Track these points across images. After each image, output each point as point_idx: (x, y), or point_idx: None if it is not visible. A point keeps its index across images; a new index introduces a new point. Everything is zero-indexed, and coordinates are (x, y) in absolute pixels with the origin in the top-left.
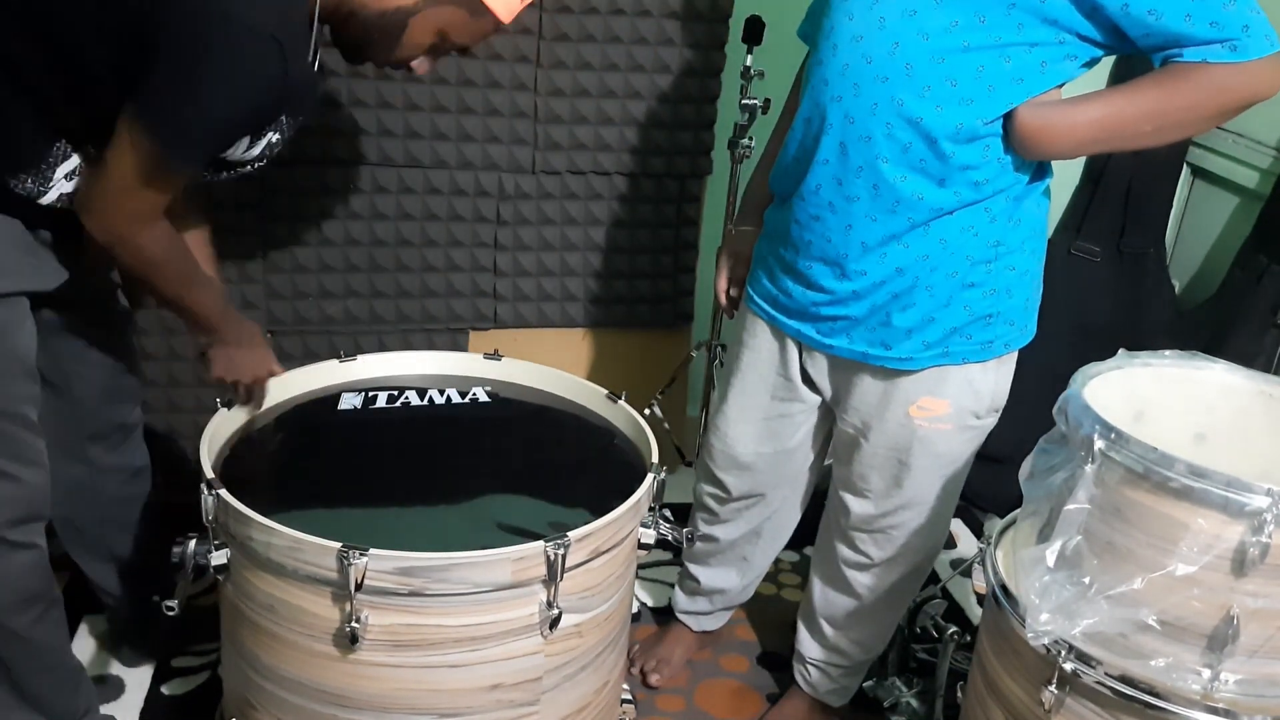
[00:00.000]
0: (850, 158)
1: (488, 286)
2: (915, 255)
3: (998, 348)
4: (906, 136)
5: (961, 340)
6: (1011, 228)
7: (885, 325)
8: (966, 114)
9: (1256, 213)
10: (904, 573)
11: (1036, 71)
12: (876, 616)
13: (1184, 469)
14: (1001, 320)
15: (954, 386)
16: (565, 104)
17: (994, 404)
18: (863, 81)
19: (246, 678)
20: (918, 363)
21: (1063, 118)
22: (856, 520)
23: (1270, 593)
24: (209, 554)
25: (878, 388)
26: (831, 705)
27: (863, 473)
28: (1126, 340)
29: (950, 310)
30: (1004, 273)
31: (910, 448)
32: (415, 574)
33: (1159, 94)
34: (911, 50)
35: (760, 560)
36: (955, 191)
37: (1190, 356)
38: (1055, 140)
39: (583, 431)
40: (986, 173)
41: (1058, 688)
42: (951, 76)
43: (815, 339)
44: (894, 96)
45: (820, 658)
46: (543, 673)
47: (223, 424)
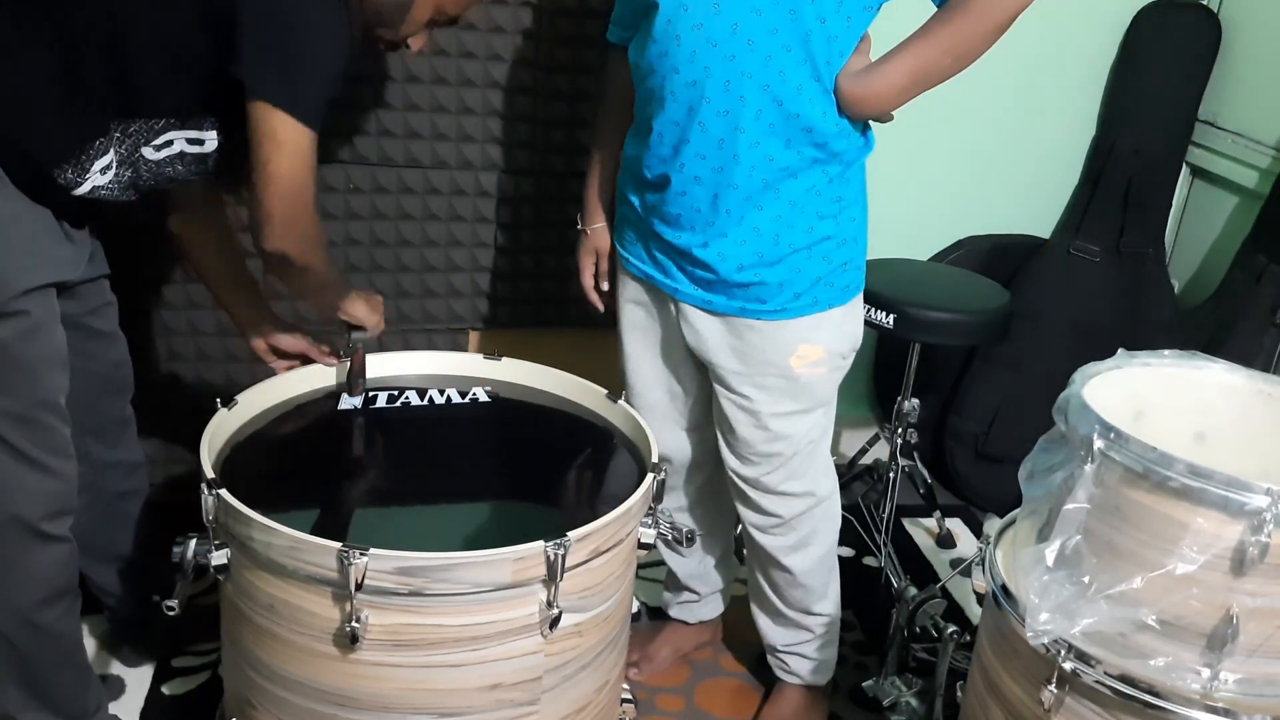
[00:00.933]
0: (710, 131)
1: (488, 287)
2: (770, 216)
3: (853, 290)
4: (758, 103)
5: (826, 288)
6: (845, 185)
7: (758, 284)
8: (803, 75)
9: (1256, 212)
10: (819, 517)
11: (844, 26)
12: (817, 573)
13: (1183, 468)
14: (853, 266)
15: (826, 331)
16: (564, 106)
17: (854, 343)
18: (712, 63)
19: (246, 677)
20: (791, 312)
21: (881, 78)
22: (753, 480)
23: (1269, 592)
24: (209, 554)
25: (757, 342)
26: (819, 685)
27: (748, 434)
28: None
29: (812, 261)
30: (848, 223)
31: (792, 395)
32: (415, 574)
33: (949, 29)
34: (749, 27)
35: (720, 538)
36: (799, 152)
37: (1190, 356)
38: (880, 98)
39: (583, 431)
40: (825, 134)
41: (1057, 687)
42: (786, 44)
43: (693, 294)
44: (743, 71)
45: (789, 642)
46: (543, 672)
47: (223, 424)
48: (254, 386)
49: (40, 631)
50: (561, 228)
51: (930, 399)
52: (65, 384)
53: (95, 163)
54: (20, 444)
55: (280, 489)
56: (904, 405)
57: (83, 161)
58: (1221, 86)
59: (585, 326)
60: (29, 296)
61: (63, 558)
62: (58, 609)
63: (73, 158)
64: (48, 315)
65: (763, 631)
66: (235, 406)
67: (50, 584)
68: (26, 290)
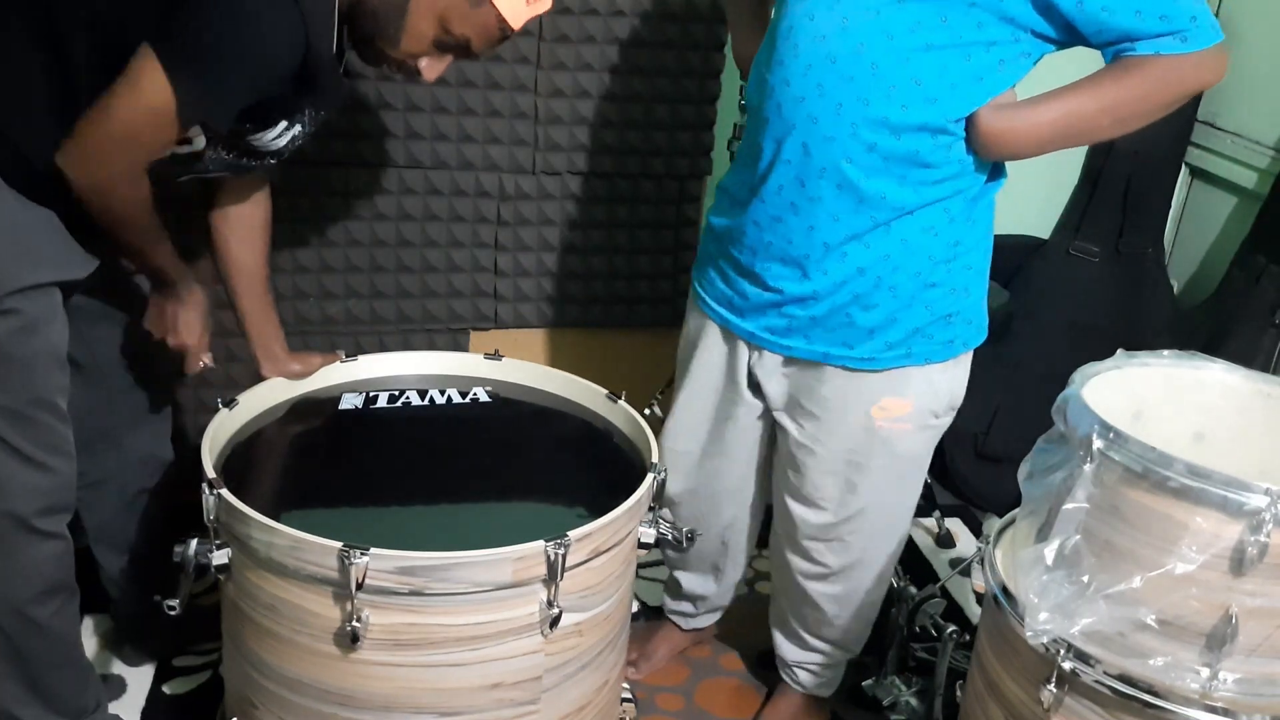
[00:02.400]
0: (813, 158)
1: (488, 287)
2: (877, 255)
3: (958, 347)
4: (871, 136)
5: (923, 340)
6: (969, 227)
7: (848, 325)
8: (930, 112)
9: (1255, 213)
10: (867, 578)
11: (995, 69)
12: (846, 623)
13: (1183, 468)
14: (960, 319)
15: (915, 386)
16: (565, 105)
17: (952, 403)
18: (827, 82)
19: (248, 677)
20: (880, 363)
21: (1025, 119)
22: (812, 530)
23: (1269, 592)
24: (210, 554)
25: (837, 389)
26: (822, 696)
27: (816, 480)
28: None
29: (912, 310)
30: (962, 271)
31: (869, 449)
32: (416, 573)
33: (1115, 88)
34: (877, 50)
35: (733, 569)
36: (916, 190)
37: (1189, 356)
38: (1018, 140)
39: (583, 431)
40: (947, 172)
41: (1056, 687)
42: (916, 76)
43: (770, 340)
44: (860, 96)
45: (802, 660)
46: (543, 672)
47: (224, 423)
48: (255, 386)
49: (35, 627)
50: (561, 227)
51: None
52: (65, 383)
53: None
54: (14, 440)
55: (281, 489)
56: None
57: None
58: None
59: (586, 327)
60: (23, 295)
61: (57, 554)
62: (52, 605)
63: None
64: (45, 314)
65: (777, 643)
66: (236, 406)
67: (44, 580)
68: (20, 289)
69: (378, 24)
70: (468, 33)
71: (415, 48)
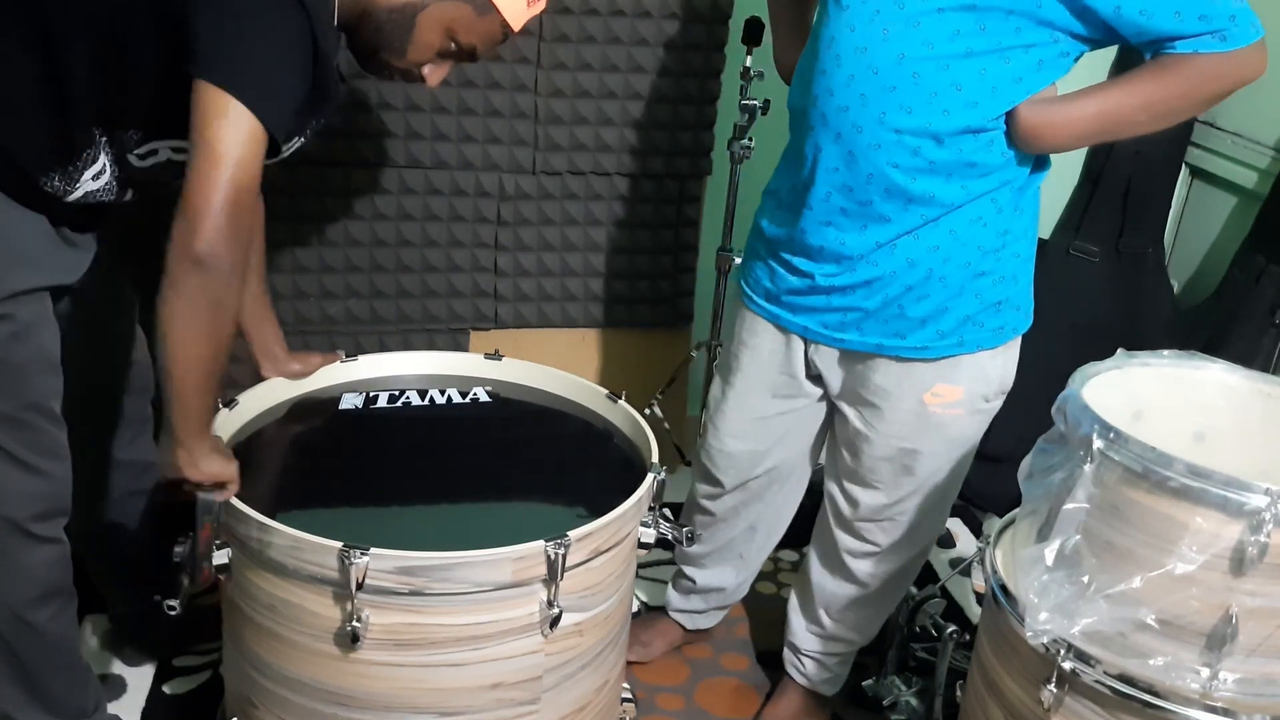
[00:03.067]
0: (859, 165)
1: (488, 287)
2: (926, 247)
3: (1007, 333)
4: (915, 141)
5: (975, 328)
6: (1016, 216)
7: (900, 317)
8: (972, 115)
9: (1255, 213)
10: (910, 556)
11: (1034, 70)
12: (877, 601)
13: (1183, 468)
14: (1009, 306)
15: (967, 373)
16: (566, 105)
17: (1002, 387)
18: (869, 92)
19: (248, 677)
20: (933, 351)
21: (1063, 114)
22: (867, 511)
23: (1269, 592)
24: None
25: (891, 377)
26: (825, 694)
27: (872, 464)
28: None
29: (963, 299)
30: (1010, 259)
31: (924, 434)
32: (416, 573)
33: (1154, 86)
34: (917, 60)
35: (756, 557)
36: (964, 186)
37: (1189, 356)
38: (1057, 135)
39: (583, 431)
40: (992, 166)
41: (1057, 687)
42: (957, 82)
43: (824, 334)
44: (902, 104)
45: (816, 648)
46: (543, 671)
47: (223, 424)
48: (255, 387)
49: (33, 631)
50: (561, 227)
51: None
52: (58, 387)
53: (86, 171)
54: (9, 445)
55: (281, 489)
56: None
57: (70, 171)
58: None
59: (586, 326)
60: (15, 301)
61: (53, 558)
62: (50, 609)
63: (60, 167)
64: (37, 318)
65: (792, 628)
66: (236, 406)
67: (41, 584)
68: (12, 294)
69: (382, 37)
70: (474, 40)
71: (421, 57)
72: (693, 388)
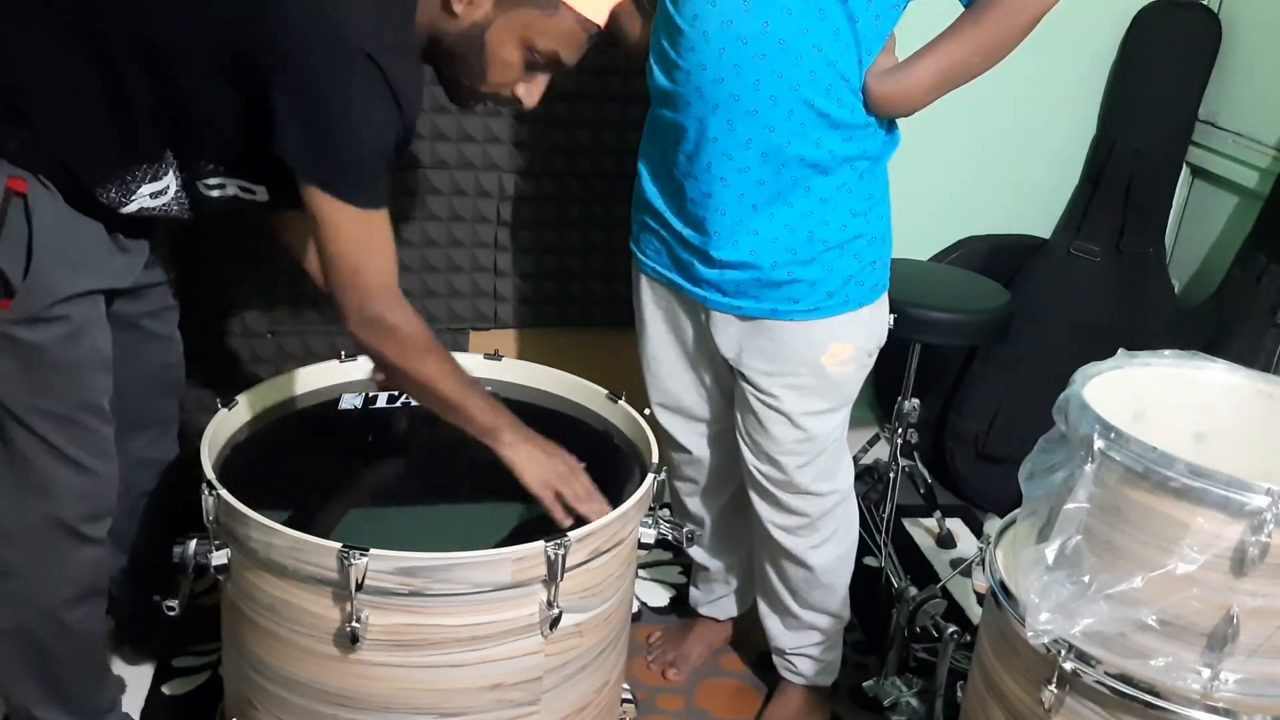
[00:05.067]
0: (738, 131)
1: (488, 287)
2: (800, 211)
3: (881, 288)
4: (789, 103)
5: (857, 287)
6: (874, 182)
7: (791, 281)
8: (832, 74)
9: (1256, 212)
10: (842, 515)
11: (873, 25)
12: (839, 571)
13: (1184, 468)
14: (881, 264)
15: (856, 329)
16: (565, 105)
17: (880, 340)
18: (742, 61)
19: (247, 678)
20: (824, 312)
21: (907, 77)
22: (782, 483)
23: (1270, 592)
24: (209, 554)
25: (788, 342)
26: (824, 686)
27: (778, 433)
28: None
29: (844, 260)
30: (877, 220)
31: (821, 393)
32: (416, 574)
33: (975, 29)
34: (780, 26)
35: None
36: (830, 150)
37: (1190, 356)
38: (907, 97)
39: (583, 431)
40: (854, 132)
41: (1057, 687)
42: (816, 43)
43: (722, 302)
44: (774, 70)
45: (799, 644)
46: (543, 672)
47: (223, 424)
48: (254, 387)
49: (65, 630)
50: (561, 228)
51: (930, 399)
52: (108, 386)
53: (143, 186)
54: (61, 444)
55: (281, 489)
56: (904, 405)
57: (128, 184)
58: (1222, 86)
59: (586, 326)
60: (70, 302)
61: (96, 559)
62: (85, 609)
63: (116, 179)
64: (90, 320)
65: (771, 634)
66: (235, 407)
67: (80, 584)
68: (68, 297)
69: (458, 63)
70: (553, 45)
71: (505, 77)
72: None
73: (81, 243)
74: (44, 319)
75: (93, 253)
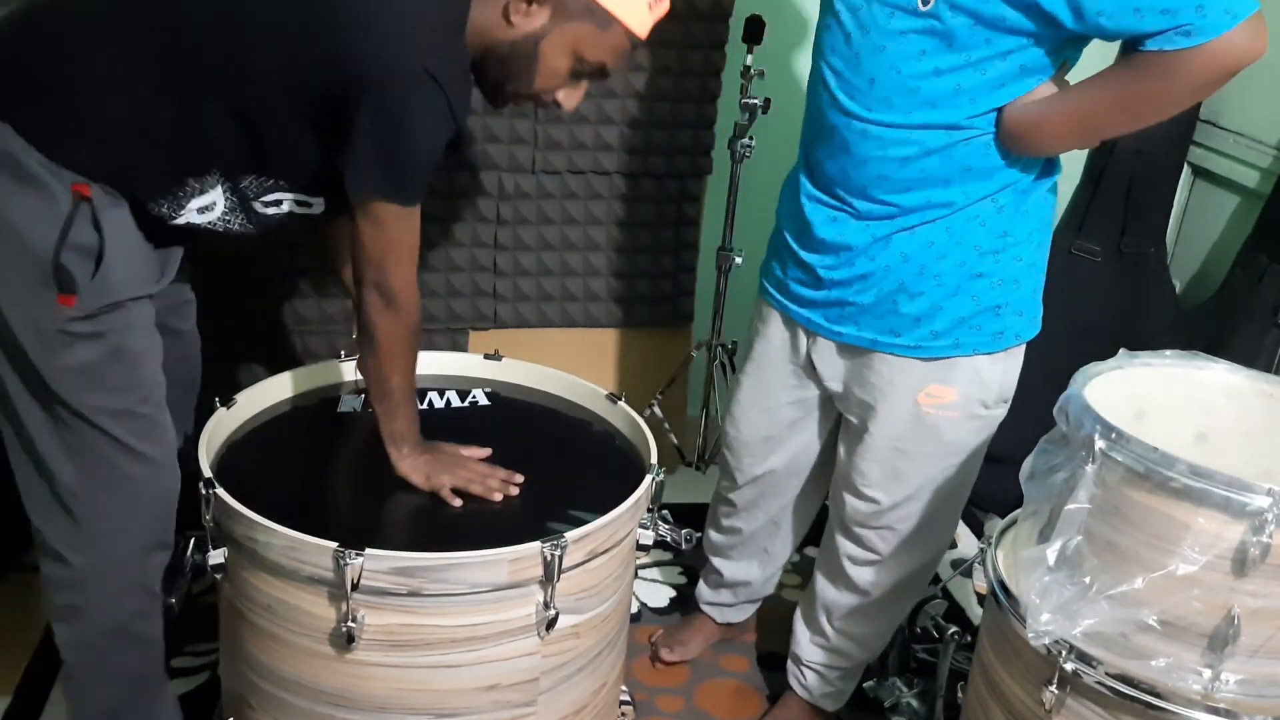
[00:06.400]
0: (853, 179)
1: (487, 286)
2: (922, 242)
3: (1008, 339)
4: (901, 153)
5: (971, 331)
6: (1019, 219)
7: (894, 313)
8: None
9: (1257, 212)
10: (911, 568)
11: (1016, 76)
12: (881, 614)
13: (1185, 469)
14: (1010, 311)
15: (963, 375)
16: None
17: (1002, 394)
18: (852, 110)
19: (244, 678)
20: (926, 351)
21: (1042, 115)
22: (860, 515)
23: (1271, 592)
24: (206, 553)
25: (886, 374)
26: (826, 710)
27: (865, 466)
28: (1127, 340)
29: (958, 300)
30: (1011, 263)
31: (917, 435)
32: (412, 574)
33: (1127, 85)
34: (888, 84)
35: (781, 552)
36: (963, 190)
37: (1191, 356)
38: (1040, 137)
39: (582, 432)
40: (991, 169)
41: (1058, 688)
42: (930, 100)
43: (824, 326)
44: (880, 123)
45: (819, 660)
46: (539, 673)
47: (221, 423)
48: (253, 386)
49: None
50: (561, 226)
51: None
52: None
53: (192, 201)
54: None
55: (278, 489)
56: None
57: (179, 198)
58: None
59: (585, 326)
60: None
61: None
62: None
63: (168, 193)
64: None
65: (796, 639)
66: (234, 406)
67: (150, 592)
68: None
69: (509, 70)
70: (602, 56)
71: (550, 84)
72: (693, 388)
73: (139, 249)
74: (105, 315)
75: (147, 259)
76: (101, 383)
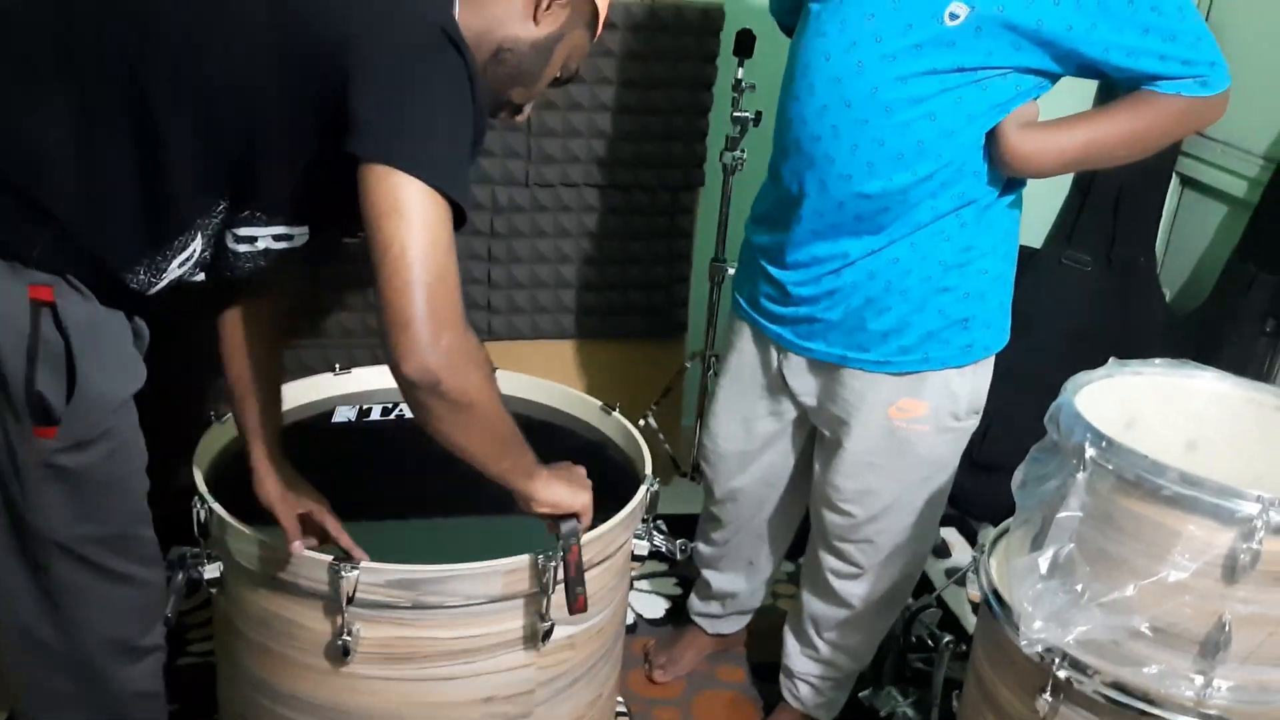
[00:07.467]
0: (830, 193)
1: (481, 299)
2: (886, 259)
3: (977, 351)
4: (888, 171)
5: (939, 345)
6: (982, 232)
7: (861, 329)
8: (946, 145)
9: (1245, 221)
10: (894, 580)
11: (1013, 97)
12: (868, 624)
13: (1175, 477)
14: (978, 324)
15: (932, 389)
16: (558, 117)
17: (972, 406)
18: (841, 124)
19: (241, 691)
20: (896, 366)
21: (1053, 141)
22: (839, 529)
23: (1261, 599)
24: (201, 567)
25: (857, 389)
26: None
27: (840, 481)
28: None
29: (924, 314)
30: (977, 276)
31: (889, 449)
32: (407, 586)
33: (1137, 120)
34: (890, 93)
35: (766, 564)
36: (933, 208)
37: (1180, 364)
38: (1042, 162)
39: (577, 443)
40: (962, 187)
41: (1052, 695)
42: (931, 112)
43: (795, 342)
44: (875, 137)
45: (810, 671)
46: (535, 685)
47: (215, 436)
48: None
49: None
50: (554, 239)
51: None
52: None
53: (173, 260)
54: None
55: None
56: None
57: (159, 263)
58: None
59: (579, 338)
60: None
61: (155, 667)
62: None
63: (147, 259)
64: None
65: (787, 652)
66: (227, 420)
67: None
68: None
69: (523, 71)
70: (578, 62)
71: (540, 87)
72: (687, 398)
73: (117, 343)
74: (91, 440)
75: (126, 351)
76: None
